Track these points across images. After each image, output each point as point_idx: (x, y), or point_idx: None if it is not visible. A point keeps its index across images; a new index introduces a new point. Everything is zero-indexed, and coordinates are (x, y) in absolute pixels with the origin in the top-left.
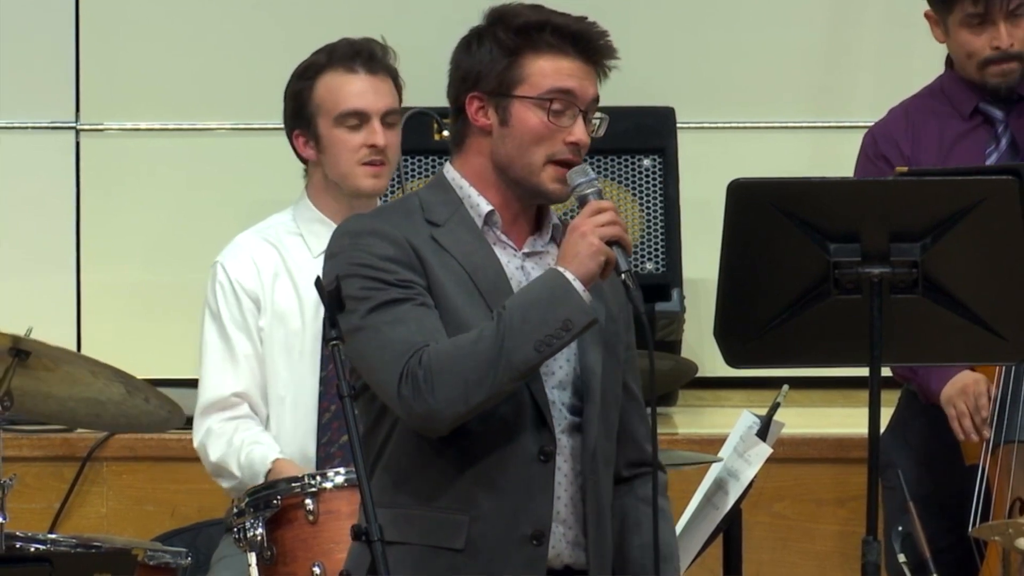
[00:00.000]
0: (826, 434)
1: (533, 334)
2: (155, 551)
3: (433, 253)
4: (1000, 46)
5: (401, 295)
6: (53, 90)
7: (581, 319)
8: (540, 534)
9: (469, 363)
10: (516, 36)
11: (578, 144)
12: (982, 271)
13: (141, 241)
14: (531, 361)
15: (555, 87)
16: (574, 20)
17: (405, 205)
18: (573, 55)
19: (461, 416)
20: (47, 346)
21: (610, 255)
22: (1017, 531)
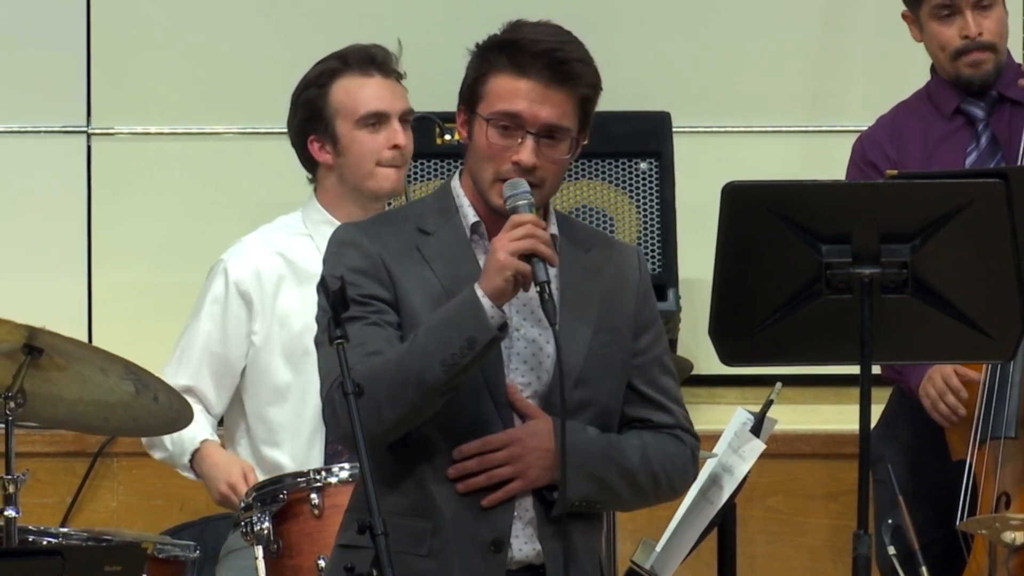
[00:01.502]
0: (818, 430)
1: (440, 353)
2: (164, 544)
3: (412, 264)
4: (969, 35)
5: (357, 313)
6: (65, 95)
7: (483, 336)
8: (500, 541)
9: (382, 384)
10: (484, 54)
11: (520, 164)
12: (970, 272)
13: (151, 242)
14: (440, 379)
15: (503, 108)
16: (539, 43)
17: (403, 213)
18: (531, 77)
19: (378, 437)
20: (60, 337)
21: (520, 268)
22: (1003, 525)
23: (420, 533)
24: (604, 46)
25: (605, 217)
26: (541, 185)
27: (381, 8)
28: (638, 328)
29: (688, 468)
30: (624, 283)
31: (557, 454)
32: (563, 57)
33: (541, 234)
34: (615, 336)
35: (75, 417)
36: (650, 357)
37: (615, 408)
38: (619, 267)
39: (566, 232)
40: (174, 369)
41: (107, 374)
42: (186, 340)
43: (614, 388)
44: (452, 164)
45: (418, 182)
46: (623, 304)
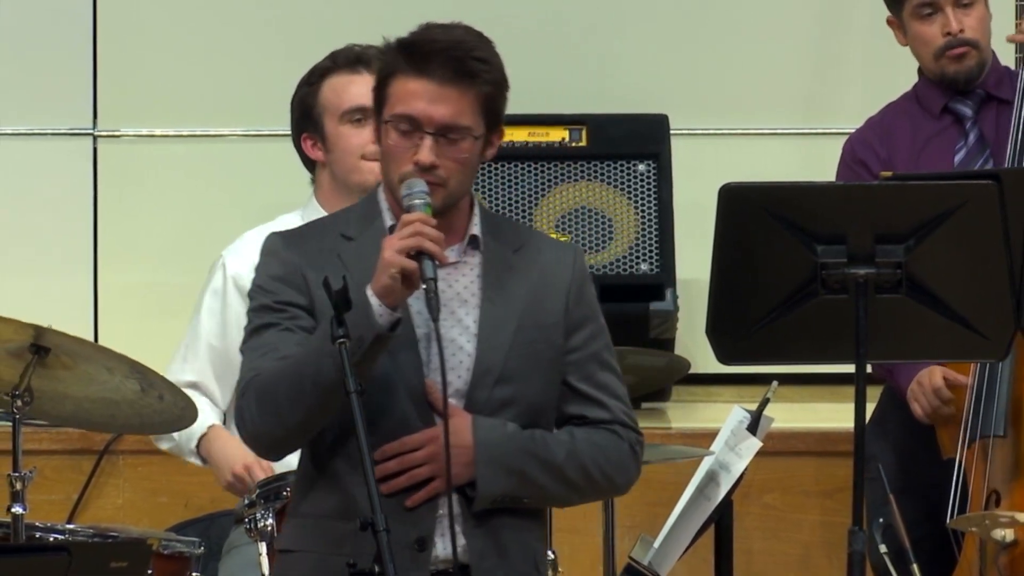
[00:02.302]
0: (813, 428)
1: (332, 353)
2: (169, 541)
3: (331, 269)
4: (951, 31)
5: (272, 319)
6: (71, 98)
7: (368, 334)
8: (423, 540)
9: (282, 386)
10: (384, 57)
11: (420, 163)
12: (963, 272)
13: (156, 243)
14: (335, 379)
15: (401, 110)
16: (434, 42)
17: (332, 220)
18: (427, 77)
19: (282, 438)
20: (67, 337)
21: (406, 265)
22: (993, 522)
23: (343, 535)
24: (603, 50)
25: (604, 218)
26: (444, 184)
27: (383, 11)
28: (571, 325)
29: (627, 462)
30: (553, 281)
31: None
32: (457, 55)
33: (429, 231)
34: (541, 333)
35: (81, 415)
36: (586, 354)
37: (545, 405)
38: (549, 266)
39: (492, 232)
40: (179, 366)
41: (113, 373)
42: (189, 337)
43: (542, 385)
44: None
45: None
46: (552, 302)
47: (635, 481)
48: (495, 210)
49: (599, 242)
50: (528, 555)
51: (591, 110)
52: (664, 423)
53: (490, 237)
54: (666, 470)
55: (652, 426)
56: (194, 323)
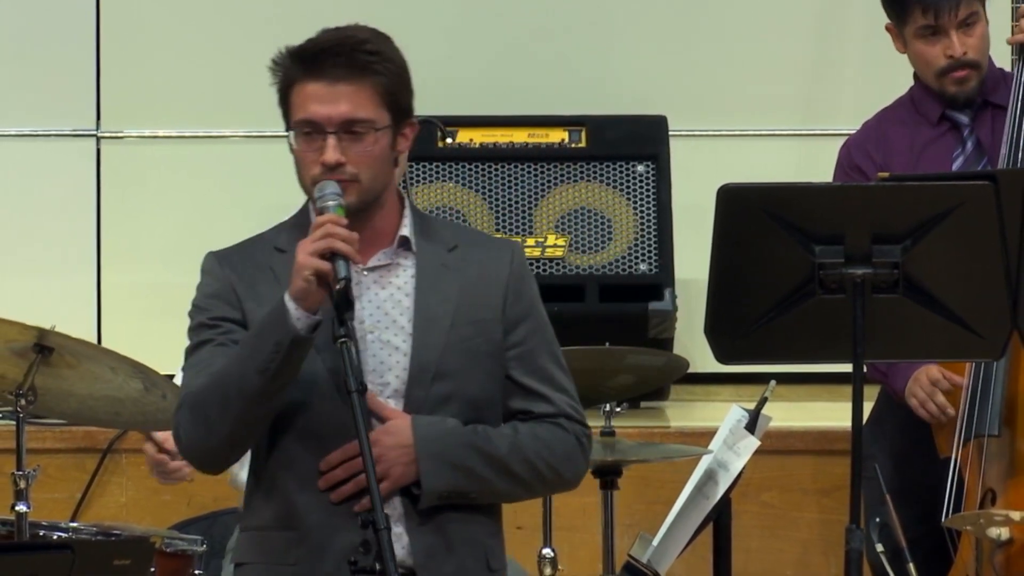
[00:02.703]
0: (811, 427)
1: (253, 360)
2: (172, 539)
3: (263, 283)
4: (953, 55)
5: (207, 336)
6: (75, 99)
7: (285, 339)
8: (365, 543)
9: (212, 399)
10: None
11: (326, 164)
12: (960, 272)
13: (159, 243)
14: (258, 386)
15: (300, 116)
16: (321, 43)
17: (267, 234)
18: (319, 78)
19: (214, 450)
20: (69, 339)
21: (318, 267)
22: (988, 521)
23: (286, 544)
24: (602, 52)
25: (603, 219)
26: (357, 179)
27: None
28: (510, 321)
29: (573, 455)
30: (490, 278)
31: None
32: (345, 51)
33: (340, 231)
34: (477, 329)
35: (86, 411)
36: (527, 348)
37: (487, 400)
38: (485, 263)
39: (424, 232)
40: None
41: (116, 372)
42: None
43: (481, 381)
44: (453, 166)
45: (420, 184)
46: (489, 299)
47: (584, 474)
48: (496, 211)
49: (598, 242)
50: (478, 551)
51: (590, 111)
52: (663, 422)
53: (422, 238)
54: (665, 469)
55: (651, 425)
56: None
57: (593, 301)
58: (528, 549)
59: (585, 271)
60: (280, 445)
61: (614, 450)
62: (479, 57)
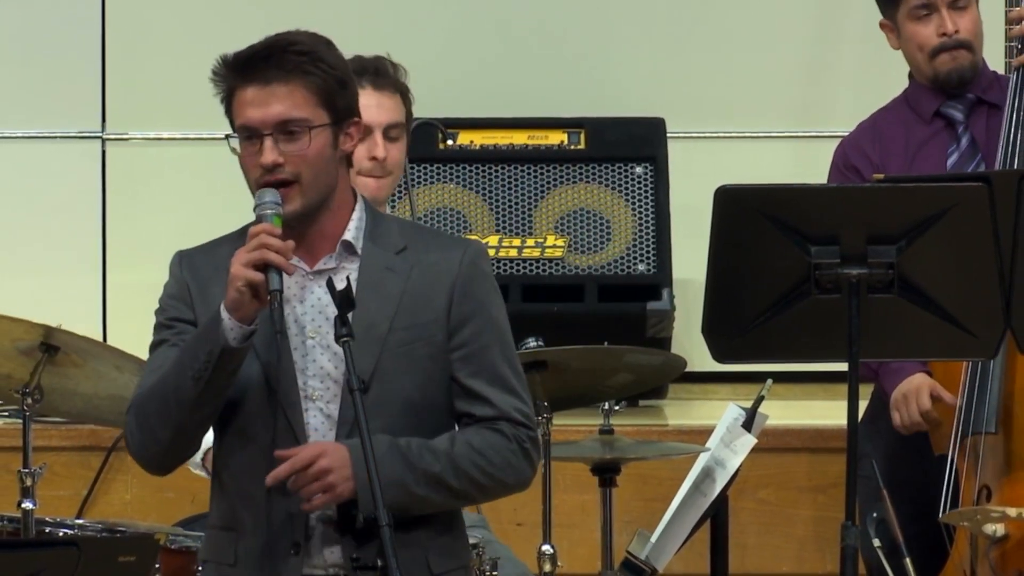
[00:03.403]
0: (807, 425)
1: (189, 368)
2: (176, 535)
3: (219, 286)
4: (946, 32)
5: (163, 336)
6: (80, 102)
7: (216, 349)
8: (297, 544)
9: (151, 405)
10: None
11: (264, 166)
12: (954, 272)
13: (163, 243)
14: (192, 394)
15: (238, 122)
16: (252, 48)
17: (234, 235)
18: (252, 82)
19: (159, 455)
20: (75, 336)
21: (251, 278)
22: (984, 517)
23: (228, 543)
24: (601, 55)
25: (602, 219)
26: (298, 180)
27: (388, 19)
28: (455, 322)
29: (515, 460)
30: (435, 279)
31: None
32: (274, 52)
33: (272, 242)
34: (417, 332)
35: (91, 410)
36: (472, 349)
37: (428, 404)
38: (432, 264)
39: (373, 235)
40: None
41: (121, 371)
42: None
43: (420, 384)
44: (454, 168)
45: (421, 186)
46: (432, 300)
47: (531, 477)
48: (496, 212)
49: (597, 243)
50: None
51: (589, 114)
52: (661, 420)
53: (370, 241)
54: (663, 466)
55: (649, 423)
56: None
57: (592, 301)
58: (528, 545)
59: (584, 271)
60: (222, 445)
61: (613, 448)
62: (479, 60)
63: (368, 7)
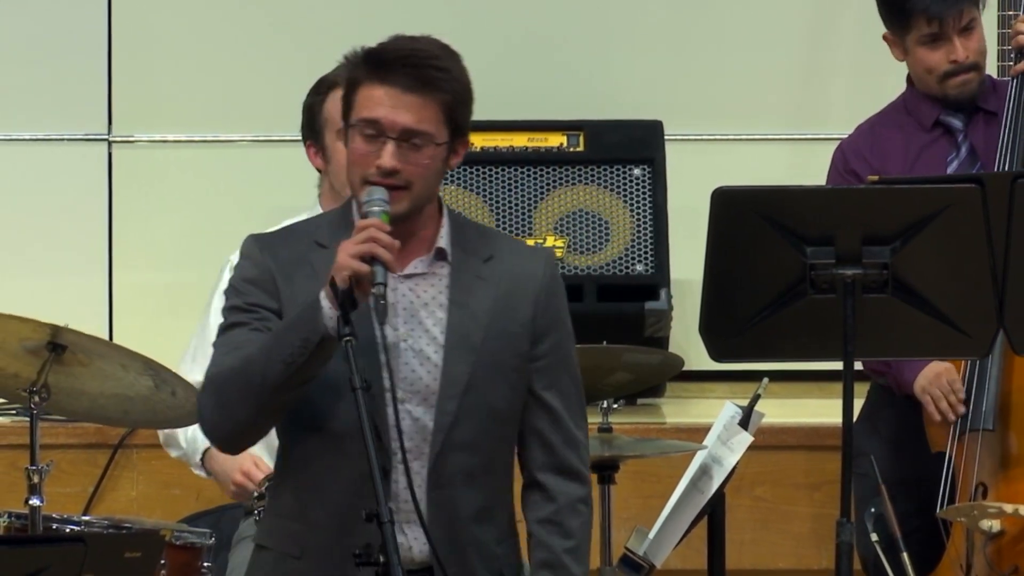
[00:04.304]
0: (803, 423)
1: (282, 351)
2: (181, 532)
3: (302, 277)
4: (957, 60)
5: (242, 319)
6: (87, 105)
7: (314, 336)
8: (371, 546)
9: (235, 383)
10: (350, 67)
11: (381, 167)
12: (948, 272)
13: (169, 244)
14: (281, 377)
15: (365, 115)
16: (396, 51)
17: (307, 226)
18: (389, 83)
19: (232, 433)
20: (82, 335)
21: (357, 269)
22: (981, 512)
23: (295, 535)
24: (600, 59)
25: (600, 221)
26: (409, 187)
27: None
28: (537, 333)
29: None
30: (522, 290)
31: None
32: (418, 63)
33: (382, 238)
34: (507, 343)
35: (96, 410)
36: (550, 362)
37: (509, 414)
38: (518, 274)
39: (461, 243)
40: (188, 366)
41: (127, 370)
42: (199, 338)
43: (506, 393)
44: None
45: None
46: (520, 311)
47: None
48: (496, 212)
49: (596, 244)
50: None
51: (588, 116)
52: (659, 418)
53: (459, 248)
54: (661, 464)
55: (647, 421)
56: (204, 324)
57: (591, 301)
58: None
59: (583, 271)
60: (300, 440)
61: (611, 446)
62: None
63: (370, 11)
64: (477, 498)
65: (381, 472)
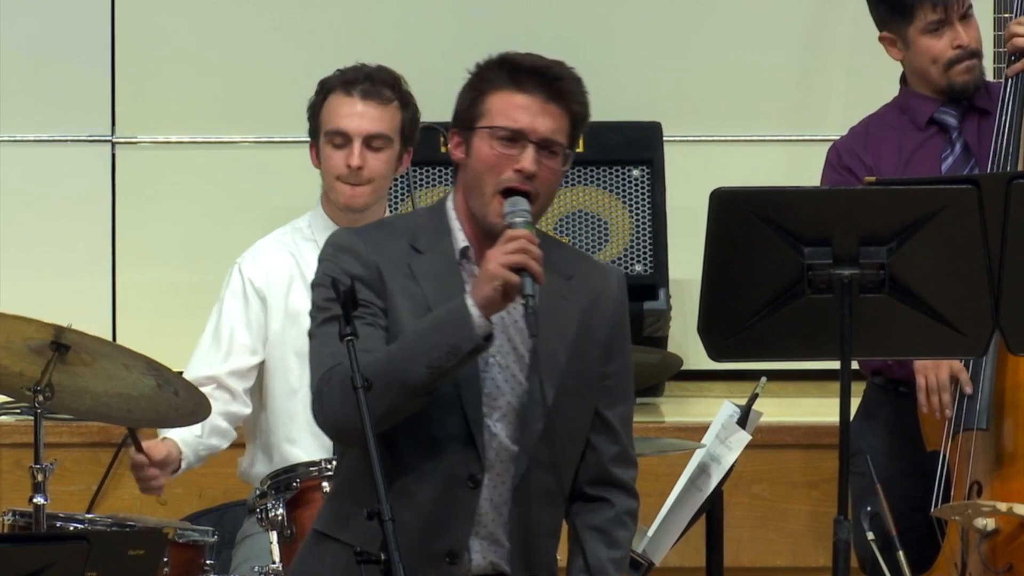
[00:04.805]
0: (800, 422)
1: (425, 356)
2: (184, 530)
3: (403, 278)
4: (962, 44)
5: (356, 313)
6: (91, 107)
7: (467, 344)
8: (455, 553)
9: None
10: (481, 75)
11: (523, 171)
12: (943, 272)
13: (171, 244)
14: (423, 380)
15: (505, 122)
16: (537, 59)
17: (402, 224)
18: (528, 90)
19: (358, 429)
20: (86, 336)
21: (510, 279)
22: (976, 511)
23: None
24: (599, 61)
25: (600, 221)
26: (537, 198)
27: (391, 26)
28: (609, 354)
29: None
30: (601, 310)
31: None
32: (559, 74)
33: (533, 250)
34: (588, 363)
35: (100, 409)
36: (616, 382)
37: (582, 431)
38: (598, 295)
39: (547, 260)
40: (200, 362)
41: (130, 370)
42: (211, 334)
43: (582, 411)
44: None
45: (424, 188)
46: (599, 331)
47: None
48: None
49: (595, 244)
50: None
51: None
52: (657, 417)
53: (546, 266)
54: (659, 462)
55: (646, 420)
56: (215, 322)
57: None
58: None
59: None
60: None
61: None
62: None
63: (373, 16)
64: (552, 516)
65: (472, 482)
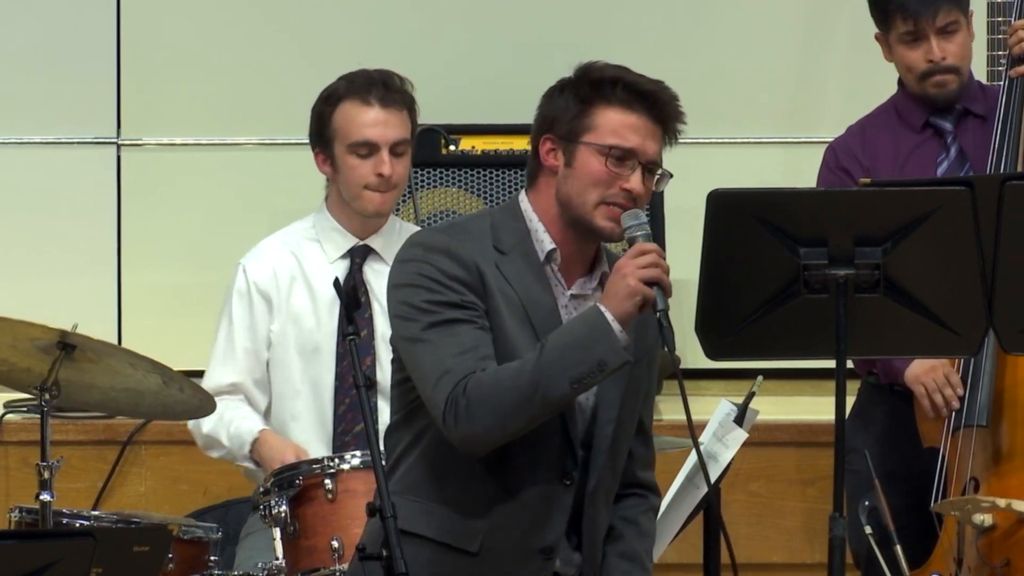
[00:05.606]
0: (796, 420)
1: (569, 371)
2: (189, 526)
3: (496, 279)
4: (933, 59)
5: (464, 316)
6: (96, 108)
7: (615, 360)
8: (550, 549)
9: (509, 395)
10: (591, 88)
11: (631, 192)
12: (938, 272)
13: (177, 246)
14: (566, 396)
15: (618, 142)
16: (647, 80)
17: (476, 226)
18: (640, 112)
19: (498, 442)
20: (91, 339)
21: (648, 295)
22: (974, 507)
23: (473, 530)
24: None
25: None
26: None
27: (395, 29)
28: (653, 357)
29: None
30: (647, 319)
31: None
32: (667, 98)
33: (664, 263)
34: (641, 369)
35: (108, 402)
36: (651, 387)
37: (632, 433)
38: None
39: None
40: (219, 370)
41: (136, 368)
42: (223, 340)
43: (634, 415)
44: (456, 172)
45: (425, 189)
46: (646, 336)
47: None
48: None
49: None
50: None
51: None
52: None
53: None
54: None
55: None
56: (225, 328)
57: None
58: None
59: None
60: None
61: None
62: (481, 69)
63: (376, 19)
64: (608, 517)
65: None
